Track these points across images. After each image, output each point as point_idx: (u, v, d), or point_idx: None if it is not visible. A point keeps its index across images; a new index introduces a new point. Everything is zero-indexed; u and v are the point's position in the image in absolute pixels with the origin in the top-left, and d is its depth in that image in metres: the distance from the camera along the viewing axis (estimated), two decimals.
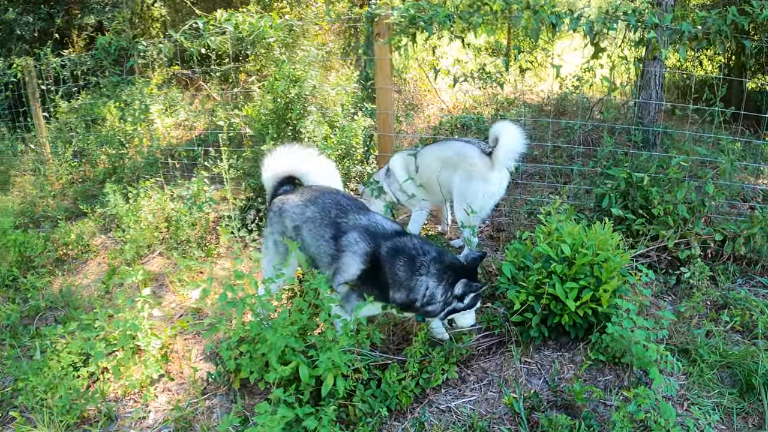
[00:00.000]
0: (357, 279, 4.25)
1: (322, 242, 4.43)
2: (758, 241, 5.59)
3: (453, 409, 4.11)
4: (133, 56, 8.54)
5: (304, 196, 4.73)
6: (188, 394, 4.40)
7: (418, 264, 4.17)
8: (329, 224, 4.45)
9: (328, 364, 3.69)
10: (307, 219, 4.55)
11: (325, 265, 4.40)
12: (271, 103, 6.86)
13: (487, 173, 5.74)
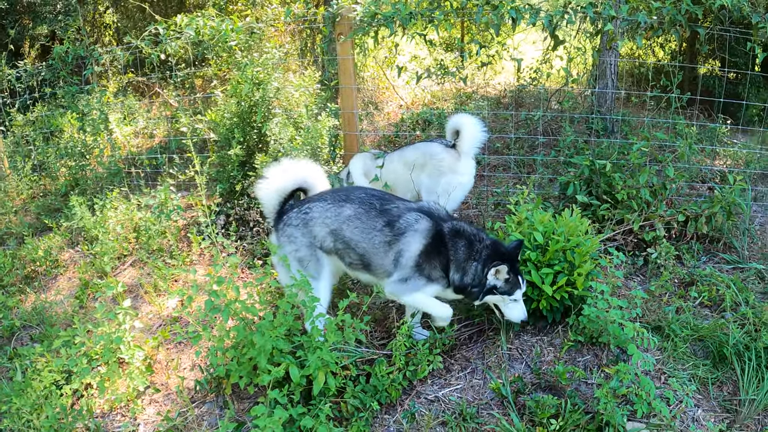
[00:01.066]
0: (419, 255, 4.27)
1: (375, 233, 4.36)
2: (719, 220, 5.79)
3: (441, 399, 4.22)
4: (90, 65, 8.43)
5: (330, 198, 4.57)
6: (176, 405, 4.40)
7: (476, 249, 4.30)
8: (378, 214, 4.40)
9: (318, 362, 3.76)
10: (349, 217, 4.43)
11: (381, 254, 4.36)
12: (235, 106, 6.83)
13: (456, 165, 6.00)
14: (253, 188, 6.38)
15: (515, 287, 4.28)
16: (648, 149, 6.00)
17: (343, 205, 4.47)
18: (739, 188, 5.90)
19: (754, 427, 4.10)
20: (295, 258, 4.51)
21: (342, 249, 4.47)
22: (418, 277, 4.29)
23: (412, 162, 6.18)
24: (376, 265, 4.40)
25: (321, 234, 4.48)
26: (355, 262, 4.47)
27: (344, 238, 4.43)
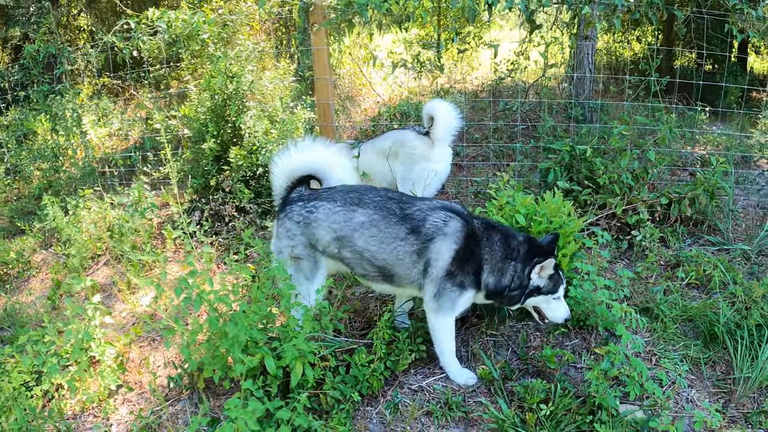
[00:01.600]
0: (451, 262, 3.87)
1: (398, 243, 3.93)
2: (703, 202, 5.74)
3: (425, 388, 4.09)
4: (61, 63, 8.27)
5: (340, 200, 4.11)
6: (151, 403, 4.24)
7: (512, 246, 3.95)
8: (400, 220, 3.95)
9: (294, 352, 3.61)
10: (362, 224, 3.99)
11: (407, 266, 3.95)
12: (208, 101, 6.71)
13: (429, 152, 5.90)
14: (228, 183, 6.30)
15: (559, 283, 3.98)
16: (628, 133, 5.94)
17: (354, 210, 4.03)
18: (722, 170, 5.85)
19: (750, 405, 4.05)
20: (290, 253, 4.20)
21: (352, 259, 4.08)
22: (450, 288, 3.91)
23: (386, 151, 6.07)
24: (401, 277, 4.02)
25: (325, 239, 4.08)
26: (372, 274, 4.08)
27: (355, 248, 4.02)
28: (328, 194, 4.20)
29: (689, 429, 3.82)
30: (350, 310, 4.69)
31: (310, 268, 4.19)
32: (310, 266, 4.19)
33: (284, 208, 4.27)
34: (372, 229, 3.96)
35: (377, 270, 4.03)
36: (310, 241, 4.12)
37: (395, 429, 3.80)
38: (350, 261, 4.10)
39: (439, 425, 3.81)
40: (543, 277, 3.91)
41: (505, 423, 3.66)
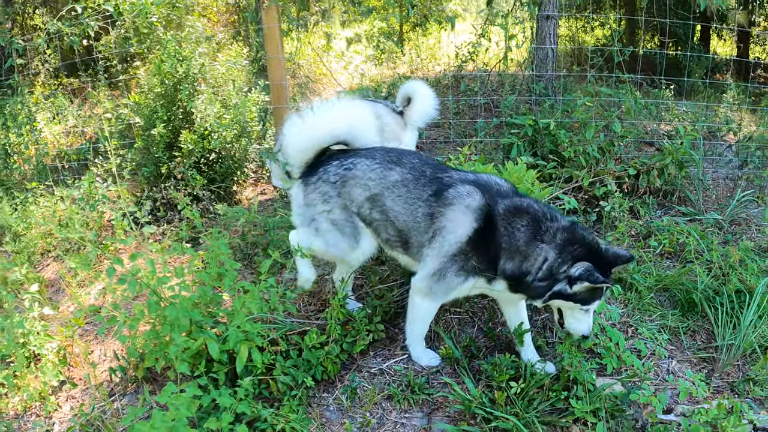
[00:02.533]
0: (465, 242, 3.50)
1: (418, 204, 3.65)
2: (672, 173, 5.61)
3: (386, 371, 3.87)
4: (10, 55, 7.92)
5: (379, 158, 3.87)
6: (95, 399, 3.94)
7: (543, 228, 3.43)
8: (427, 182, 3.69)
9: (239, 335, 3.33)
10: (395, 183, 3.73)
11: (421, 231, 3.65)
12: (158, 86, 6.43)
13: (400, 133, 5.55)
14: (180, 170, 6.01)
15: (595, 298, 3.44)
16: (592, 105, 5.78)
17: (391, 168, 3.78)
18: (689, 139, 5.71)
19: (735, 373, 3.95)
20: (327, 219, 3.89)
21: (379, 221, 3.81)
22: (456, 272, 3.55)
23: None
24: (416, 244, 3.71)
25: (359, 198, 3.81)
26: (393, 238, 3.81)
27: (383, 207, 3.76)
28: (368, 152, 3.95)
29: (673, 401, 3.68)
30: (306, 292, 4.42)
31: (353, 234, 3.90)
32: (351, 231, 3.89)
33: (314, 171, 3.95)
34: (401, 189, 3.72)
35: (397, 234, 3.77)
36: (347, 202, 3.84)
37: (354, 416, 3.56)
38: (378, 224, 3.83)
39: (401, 409, 3.59)
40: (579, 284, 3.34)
41: (472, 403, 3.42)
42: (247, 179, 6.74)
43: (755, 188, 6.27)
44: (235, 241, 5.15)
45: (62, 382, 4.13)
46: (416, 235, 3.67)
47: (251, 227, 5.29)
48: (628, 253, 3.48)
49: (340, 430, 3.47)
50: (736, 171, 6.72)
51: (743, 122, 7.93)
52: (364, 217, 3.85)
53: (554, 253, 3.36)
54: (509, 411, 3.37)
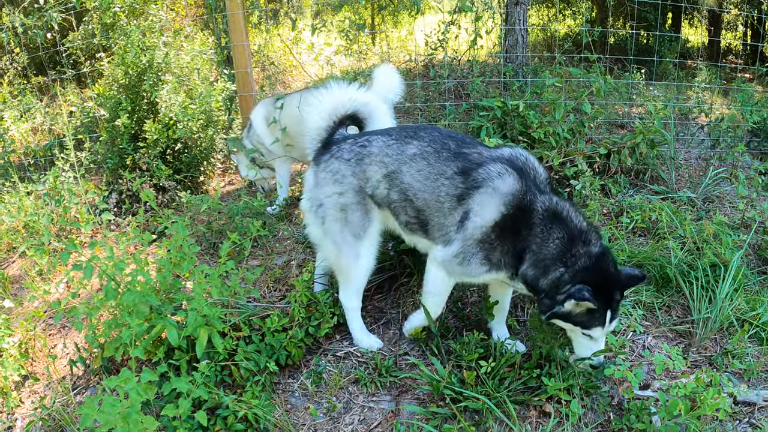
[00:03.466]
0: (493, 227, 3.22)
1: (442, 181, 3.33)
2: (643, 151, 5.56)
3: (353, 354, 3.79)
4: None
5: (394, 133, 3.60)
6: (58, 393, 3.82)
7: (572, 252, 3.16)
8: (452, 157, 3.37)
9: (198, 319, 3.22)
10: (413, 157, 3.42)
11: (444, 212, 3.34)
12: (122, 77, 6.30)
13: None
14: (145, 160, 5.89)
15: (596, 322, 3.19)
16: (561, 85, 5.72)
17: (408, 142, 3.49)
18: (660, 118, 5.68)
19: (713, 347, 3.92)
20: (335, 204, 3.58)
21: (397, 201, 3.50)
22: (479, 260, 3.30)
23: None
24: (436, 227, 3.41)
25: (375, 177, 3.51)
26: (412, 220, 3.50)
27: (402, 185, 3.45)
28: (383, 130, 3.73)
29: (650, 376, 3.63)
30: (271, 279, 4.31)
31: (361, 222, 3.59)
32: (360, 219, 3.58)
33: (327, 149, 3.69)
34: (420, 162, 3.41)
35: (416, 214, 3.46)
36: (361, 183, 3.54)
37: (319, 401, 3.49)
38: (396, 206, 3.51)
39: (368, 393, 3.52)
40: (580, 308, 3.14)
41: (441, 384, 3.33)
42: (214, 169, 6.63)
43: (727, 166, 6.26)
44: (201, 230, 5.04)
45: (25, 377, 4.01)
46: (438, 217, 3.38)
47: (216, 215, 5.18)
48: (640, 272, 3.27)
49: (305, 416, 3.38)
50: (709, 151, 6.71)
51: (715, 104, 7.93)
52: (380, 200, 3.55)
53: (568, 277, 3.14)
54: (480, 390, 3.29)
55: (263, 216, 5.21)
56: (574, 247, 3.16)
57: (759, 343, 3.98)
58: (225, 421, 3.13)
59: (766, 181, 5.57)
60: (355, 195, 3.55)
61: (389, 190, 3.49)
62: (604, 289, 3.10)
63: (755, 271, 4.68)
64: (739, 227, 5.10)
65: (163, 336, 3.35)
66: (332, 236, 3.62)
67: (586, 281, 3.07)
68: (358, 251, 3.61)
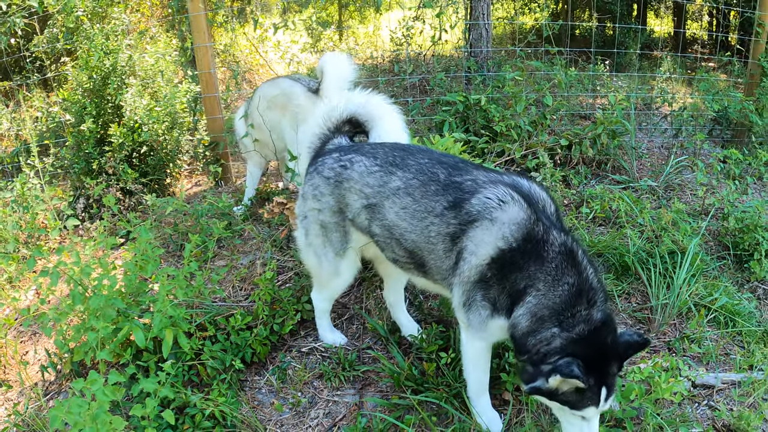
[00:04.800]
0: (490, 264, 2.74)
1: (431, 220, 2.91)
2: (604, 142, 5.63)
3: (318, 349, 3.84)
4: None
5: (380, 156, 3.17)
6: (31, 399, 3.81)
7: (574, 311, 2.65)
8: (441, 189, 2.92)
9: (164, 320, 3.26)
10: (396, 191, 3.02)
11: (439, 255, 2.94)
12: (87, 81, 6.29)
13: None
14: (111, 164, 5.88)
15: (586, 402, 2.62)
16: (523, 78, 5.79)
17: (392, 172, 3.07)
18: (621, 108, 5.76)
19: (672, 332, 4.01)
20: (316, 220, 3.36)
21: (381, 237, 3.16)
22: (481, 302, 2.83)
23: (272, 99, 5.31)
24: (432, 269, 3.03)
25: (355, 206, 3.19)
26: (402, 259, 3.15)
27: (385, 222, 3.08)
28: (371, 148, 3.28)
29: None
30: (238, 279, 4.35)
31: (341, 241, 3.34)
32: (340, 238, 3.34)
33: (315, 160, 3.42)
34: (405, 199, 3.00)
35: (407, 255, 3.09)
36: (341, 206, 3.25)
37: (285, 396, 3.54)
38: (380, 239, 3.18)
39: (332, 387, 3.57)
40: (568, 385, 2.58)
41: (401, 376, 3.40)
42: (180, 171, 6.63)
43: (689, 154, 6.37)
44: (167, 232, 5.05)
45: None
46: (432, 259, 2.99)
47: (182, 217, 5.20)
48: (641, 338, 2.68)
49: (271, 412, 3.44)
50: (671, 140, 6.80)
51: (678, 94, 8.03)
52: (362, 228, 3.26)
53: (558, 343, 2.63)
54: (440, 382, 3.36)
55: (228, 216, 5.22)
56: (578, 305, 2.64)
57: (717, 327, 4.08)
58: (193, 420, 3.18)
59: (727, 169, 5.67)
60: (333, 215, 3.29)
61: (370, 222, 3.17)
62: (600, 362, 2.59)
63: (715, 257, 4.78)
64: (700, 214, 5.20)
65: (131, 338, 3.39)
66: (314, 249, 3.45)
67: (577, 354, 2.55)
68: (337, 268, 3.44)
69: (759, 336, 4.03)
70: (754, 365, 3.74)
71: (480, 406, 3.17)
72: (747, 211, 4.92)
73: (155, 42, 7.42)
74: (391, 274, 3.69)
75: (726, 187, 5.13)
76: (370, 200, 3.12)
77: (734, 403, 3.47)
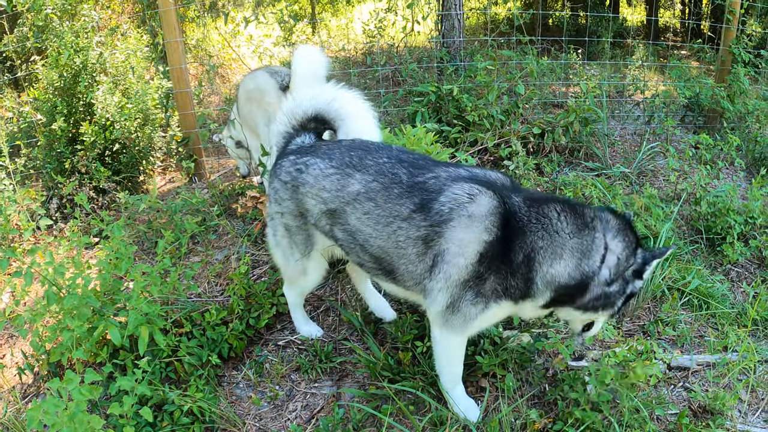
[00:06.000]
0: (480, 261, 2.71)
1: (398, 224, 2.81)
2: (577, 129, 5.65)
3: (294, 342, 3.84)
4: None
5: (336, 158, 3.03)
6: (9, 403, 3.77)
7: (589, 216, 2.77)
8: (405, 191, 2.82)
9: (139, 317, 3.24)
10: (357, 196, 2.91)
11: (410, 260, 2.84)
12: (57, 79, 6.23)
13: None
14: (84, 163, 5.83)
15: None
16: (495, 68, 5.80)
17: (351, 175, 2.94)
18: (593, 95, 5.79)
19: (646, 316, 4.05)
20: (281, 222, 3.29)
21: (345, 242, 3.06)
22: (472, 300, 2.77)
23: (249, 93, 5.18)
24: (404, 275, 2.93)
25: (314, 211, 3.08)
26: (369, 264, 3.06)
27: (347, 227, 2.98)
28: (327, 149, 3.11)
29: (585, 348, 3.70)
30: (213, 274, 4.33)
31: (305, 243, 3.27)
32: (304, 240, 3.26)
33: (275, 163, 3.31)
34: (367, 204, 2.88)
35: (374, 261, 2.99)
36: (301, 210, 3.15)
37: (263, 390, 3.53)
38: (344, 244, 3.09)
39: (310, 380, 3.58)
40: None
41: (377, 366, 3.41)
42: (154, 168, 6.58)
43: (661, 140, 6.42)
44: (141, 230, 5.02)
45: None
46: (402, 264, 2.89)
47: (156, 214, 5.17)
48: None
49: (249, 406, 3.44)
50: (644, 127, 6.86)
51: (650, 82, 8.10)
52: (324, 233, 3.16)
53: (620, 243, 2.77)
54: (416, 371, 3.37)
55: (201, 213, 5.19)
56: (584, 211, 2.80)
57: (691, 309, 4.13)
58: (171, 417, 3.17)
59: (699, 154, 5.72)
60: (295, 219, 3.21)
61: (332, 227, 3.06)
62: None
63: (687, 241, 4.83)
64: (672, 199, 5.25)
65: (108, 337, 3.37)
66: (282, 249, 3.40)
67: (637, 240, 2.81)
68: (305, 267, 3.39)
69: (733, 318, 4.09)
70: (728, 347, 3.80)
71: (456, 396, 3.19)
72: (719, 196, 4.98)
73: (126, 39, 7.36)
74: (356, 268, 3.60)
75: (698, 173, 5.17)
76: (328, 205, 3.00)
77: (709, 384, 3.52)
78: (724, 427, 3.14)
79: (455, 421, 3.09)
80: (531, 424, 3.09)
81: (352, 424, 3.16)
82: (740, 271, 4.70)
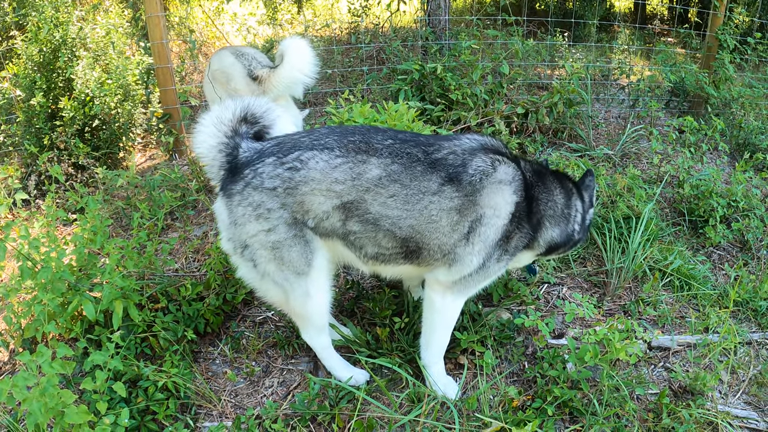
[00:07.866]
0: (511, 221, 2.94)
1: (429, 199, 2.82)
2: (561, 110, 5.62)
3: (271, 319, 3.81)
4: None
5: (338, 146, 2.85)
6: None
7: (570, 185, 3.29)
8: (428, 168, 2.84)
9: (114, 292, 3.19)
10: (379, 181, 2.80)
11: (444, 231, 2.86)
12: (36, 54, 6.13)
13: None
14: (63, 139, 5.75)
15: None
16: (479, 47, 5.76)
17: (364, 161, 2.81)
18: (578, 76, 5.76)
19: (627, 296, 4.05)
20: (265, 244, 2.88)
21: (362, 234, 2.90)
22: (500, 257, 3.01)
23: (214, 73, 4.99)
24: (432, 249, 2.93)
25: (321, 209, 2.82)
26: (389, 251, 2.96)
27: (368, 216, 2.83)
28: (315, 139, 2.90)
29: (564, 325, 3.73)
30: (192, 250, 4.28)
31: (301, 256, 2.91)
32: (299, 253, 2.90)
33: (237, 175, 2.88)
34: (393, 186, 2.80)
35: (399, 244, 2.91)
36: (296, 216, 2.83)
37: (239, 366, 3.50)
38: (359, 237, 2.91)
39: (286, 356, 3.56)
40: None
41: (355, 343, 3.38)
42: (134, 144, 6.50)
43: (645, 123, 6.40)
44: (119, 205, 4.96)
45: None
46: (434, 238, 2.88)
47: (135, 190, 5.11)
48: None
49: (225, 382, 3.40)
50: (628, 110, 6.85)
51: (636, 66, 8.10)
52: (330, 232, 2.92)
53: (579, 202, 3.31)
54: (394, 347, 3.35)
55: (180, 189, 5.13)
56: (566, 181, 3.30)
57: (672, 290, 4.13)
58: (146, 392, 3.13)
59: (683, 138, 5.71)
60: (288, 229, 2.85)
61: (346, 222, 2.87)
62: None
63: (670, 223, 4.82)
64: (655, 181, 5.24)
65: (83, 313, 3.32)
66: (272, 278, 2.97)
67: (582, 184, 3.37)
68: (306, 290, 2.99)
69: (714, 299, 4.10)
70: (709, 327, 3.81)
71: (435, 373, 3.21)
72: (702, 179, 4.98)
73: (107, 14, 7.26)
74: None
75: (681, 156, 5.17)
76: (344, 198, 2.80)
77: (690, 364, 3.53)
78: (704, 408, 3.14)
79: (433, 398, 3.06)
80: (510, 402, 3.08)
81: (329, 400, 3.14)
82: (722, 254, 4.71)
